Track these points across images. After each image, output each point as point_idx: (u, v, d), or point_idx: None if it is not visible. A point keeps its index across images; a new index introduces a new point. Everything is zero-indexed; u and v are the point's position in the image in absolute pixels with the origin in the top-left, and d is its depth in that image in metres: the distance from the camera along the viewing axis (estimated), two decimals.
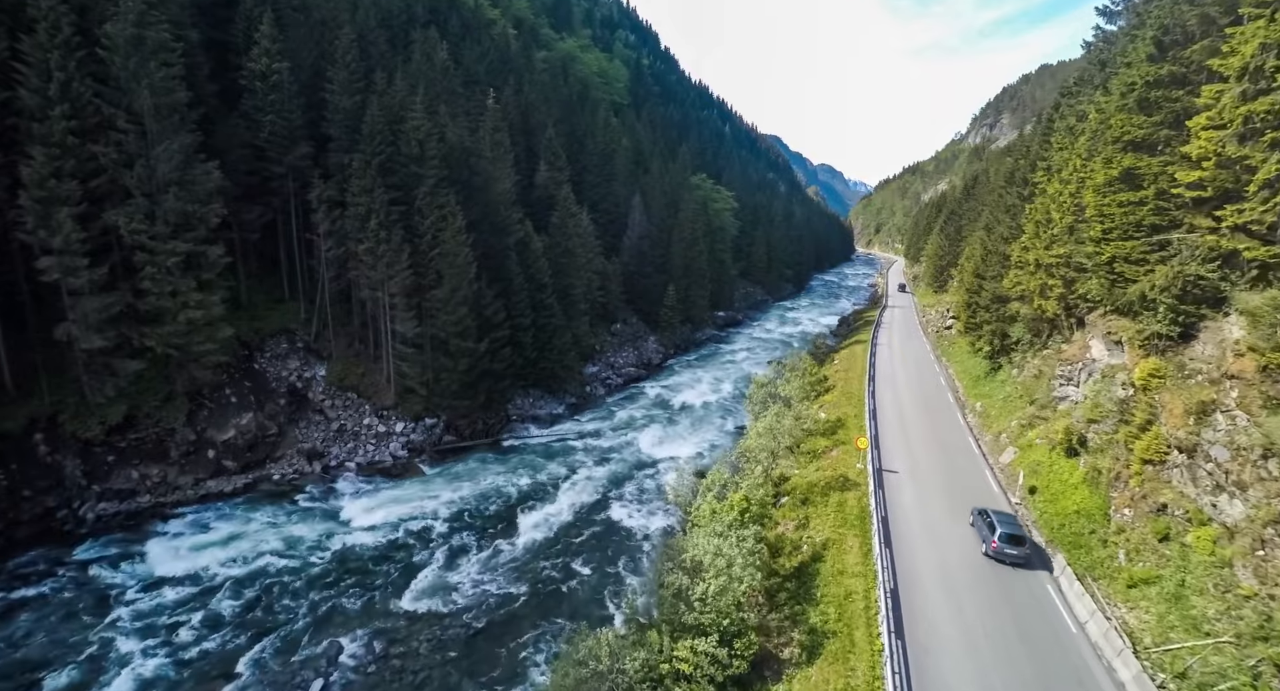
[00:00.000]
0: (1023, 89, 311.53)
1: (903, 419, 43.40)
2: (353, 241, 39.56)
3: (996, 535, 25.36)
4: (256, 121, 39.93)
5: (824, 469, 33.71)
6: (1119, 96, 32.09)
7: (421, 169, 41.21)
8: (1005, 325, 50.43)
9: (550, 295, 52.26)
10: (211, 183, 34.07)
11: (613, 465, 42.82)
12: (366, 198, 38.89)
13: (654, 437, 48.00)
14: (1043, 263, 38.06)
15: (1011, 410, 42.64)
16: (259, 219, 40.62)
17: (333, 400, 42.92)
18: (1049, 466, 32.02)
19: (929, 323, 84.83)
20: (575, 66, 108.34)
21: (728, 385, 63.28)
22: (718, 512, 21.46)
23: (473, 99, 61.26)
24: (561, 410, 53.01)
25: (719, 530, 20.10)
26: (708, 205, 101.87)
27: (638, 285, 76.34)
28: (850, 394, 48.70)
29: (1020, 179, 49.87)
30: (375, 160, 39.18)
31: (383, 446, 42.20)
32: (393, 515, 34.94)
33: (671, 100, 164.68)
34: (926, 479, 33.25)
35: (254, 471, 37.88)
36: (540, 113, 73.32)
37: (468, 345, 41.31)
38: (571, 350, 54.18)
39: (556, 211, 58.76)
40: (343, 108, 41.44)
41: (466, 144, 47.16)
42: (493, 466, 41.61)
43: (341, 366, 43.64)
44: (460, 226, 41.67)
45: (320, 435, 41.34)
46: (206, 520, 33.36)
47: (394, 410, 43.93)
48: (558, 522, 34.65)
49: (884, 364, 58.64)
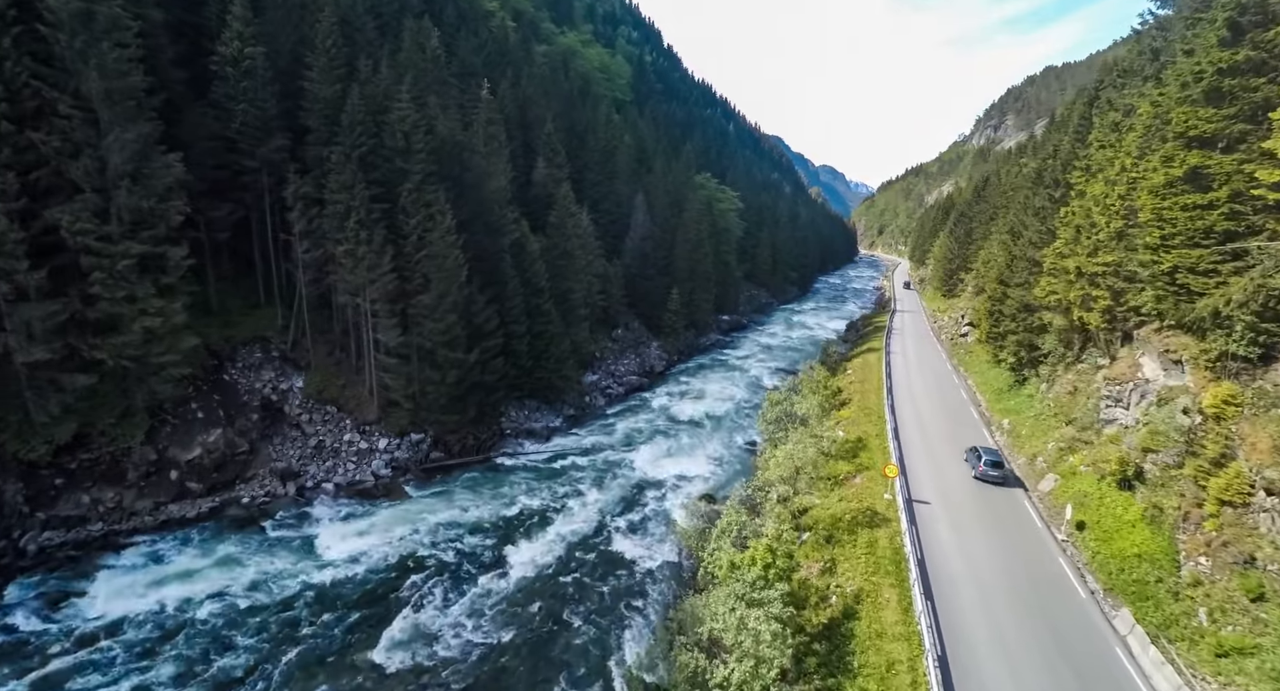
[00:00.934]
0: (1028, 90, 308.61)
1: (926, 438, 40.16)
2: (331, 242, 36.28)
3: (983, 461, 33.05)
4: (228, 111, 36.63)
5: (848, 499, 30.46)
6: (1179, 87, 28.84)
7: (407, 163, 37.92)
8: (1033, 336, 47.26)
9: (547, 300, 49.00)
10: (172, 176, 30.77)
11: (613, 486, 39.56)
12: (346, 194, 35.61)
13: (657, 454, 44.75)
14: (1085, 271, 34.83)
15: (1045, 430, 39.43)
16: (229, 217, 37.27)
17: (310, 414, 39.63)
18: (1099, 499, 28.78)
19: (942, 329, 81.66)
20: (576, 61, 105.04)
21: (735, 394, 60.06)
22: (738, 566, 18.27)
23: (467, 91, 57.97)
24: (559, 422, 49.75)
25: (740, 592, 16.91)
26: (712, 205, 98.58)
27: (640, 288, 73.07)
28: (868, 409, 45.46)
29: (1051, 180, 46.62)
30: (356, 153, 35.90)
31: (364, 465, 38.91)
32: (371, 545, 31.67)
33: (675, 98, 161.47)
34: (961, 511, 30.00)
35: (221, 494, 34.59)
36: (539, 106, 69.98)
37: (457, 356, 38.03)
38: (570, 358, 50.93)
39: (555, 211, 55.50)
40: (322, 97, 38.13)
41: (458, 138, 43.88)
42: (483, 488, 38.33)
43: (320, 377, 40.35)
44: (449, 226, 38.39)
45: (296, 453, 38.05)
46: (164, 551, 30.07)
47: (377, 425, 40.64)
48: (553, 555, 31.38)
49: (900, 375, 55.42)
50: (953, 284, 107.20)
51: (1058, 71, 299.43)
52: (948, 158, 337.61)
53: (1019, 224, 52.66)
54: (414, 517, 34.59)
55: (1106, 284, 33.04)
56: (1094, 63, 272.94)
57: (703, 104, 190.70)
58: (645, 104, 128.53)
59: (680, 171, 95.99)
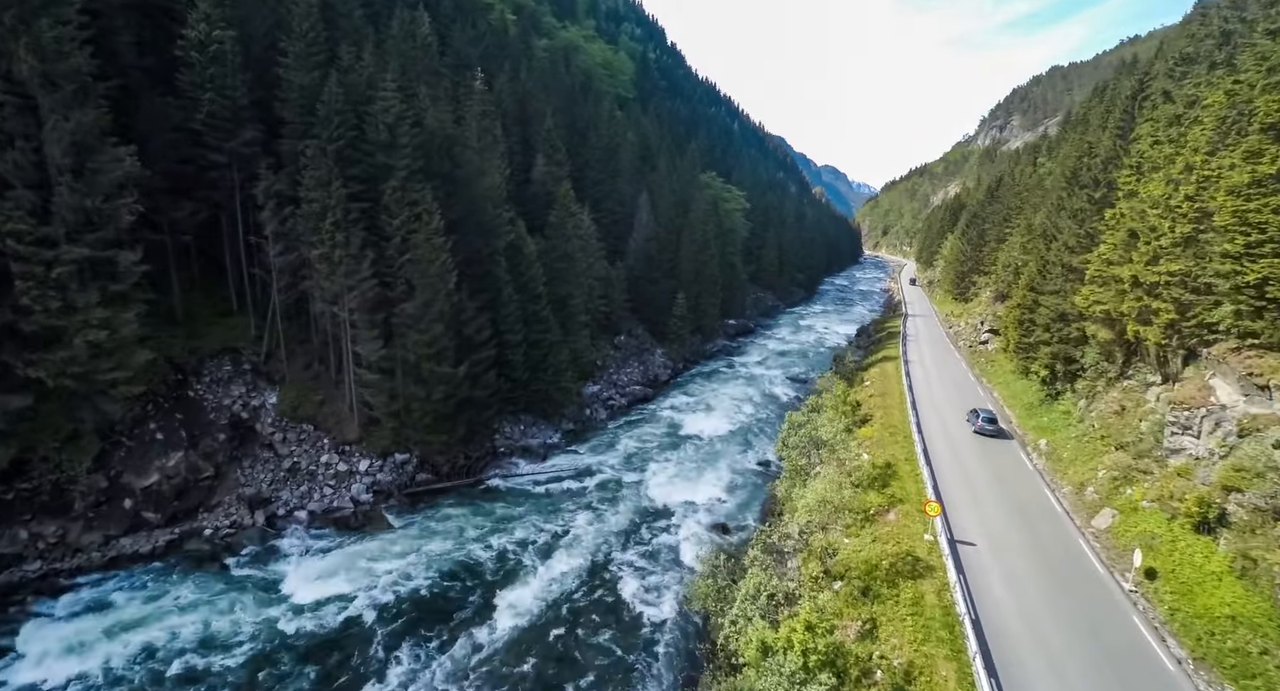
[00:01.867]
0: (1034, 91, 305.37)
1: (960, 462, 36.61)
2: (305, 245, 32.81)
3: (981, 418, 40.20)
4: (194, 100, 33.15)
5: (883, 539, 26.91)
6: (1263, 73, 25.29)
7: (391, 158, 34.45)
8: (1070, 348, 43.70)
9: (545, 306, 45.51)
10: (121, 171, 27.30)
11: (615, 514, 36.05)
12: (321, 192, 32.15)
13: (663, 475, 41.23)
14: (1143, 280, 31.27)
15: (1091, 454, 35.85)
16: (192, 217, 33.75)
17: (284, 433, 36.17)
18: (1171, 544, 25.23)
19: (959, 335, 78.04)
20: (578, 57, 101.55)
21: (744, 405, 56.52)
22: (771, 650, 14.83)
23: (462, 84, 54.45)
24: (557, 439, 46.26)
25: (780, 687, 13.43)
26: (718, 205, 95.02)
27: (644, 292, 69.54)
28: (892, 427, 41.89)
29: (1091, 180, 43.03)
30: (333, 147, 32.42)
31: (342, 489, 35.44)
32: (345, 587, 28.19)
33: (679, 96, 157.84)
34: (1011, 555, 26.42)
35: (181, 524, 31.13)
36: (539, 101, 66.50)
37: (444, 370, 34.54)
38: (569, 369, 47.44)
39: (554, 210, 52.02)
40: (298, 85, 34.66)
41: (449, 131, 40.39)
42: (473, 517, 34.83)
43: (296, 392, 36.89)
44: (437, 227, 34.92)
45: (267, 476, 34.59)
46: (109, 594, 26.63)
47: (358, 445, 37.18)
48: (547, 601, 27.85)
49: (921, 387, 51.85)
50: (965, 287, 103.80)
51: (1064, 72, 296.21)
52: (953, 158, 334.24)
53: (1051, 226, 49.08)
54: (394, 552, 31.11)
55: (1171, 296, 29.47)
56: (1101, 62, 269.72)
57: (707, 102, 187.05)
58: (649, 101, 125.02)
59: (685, 170, 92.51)
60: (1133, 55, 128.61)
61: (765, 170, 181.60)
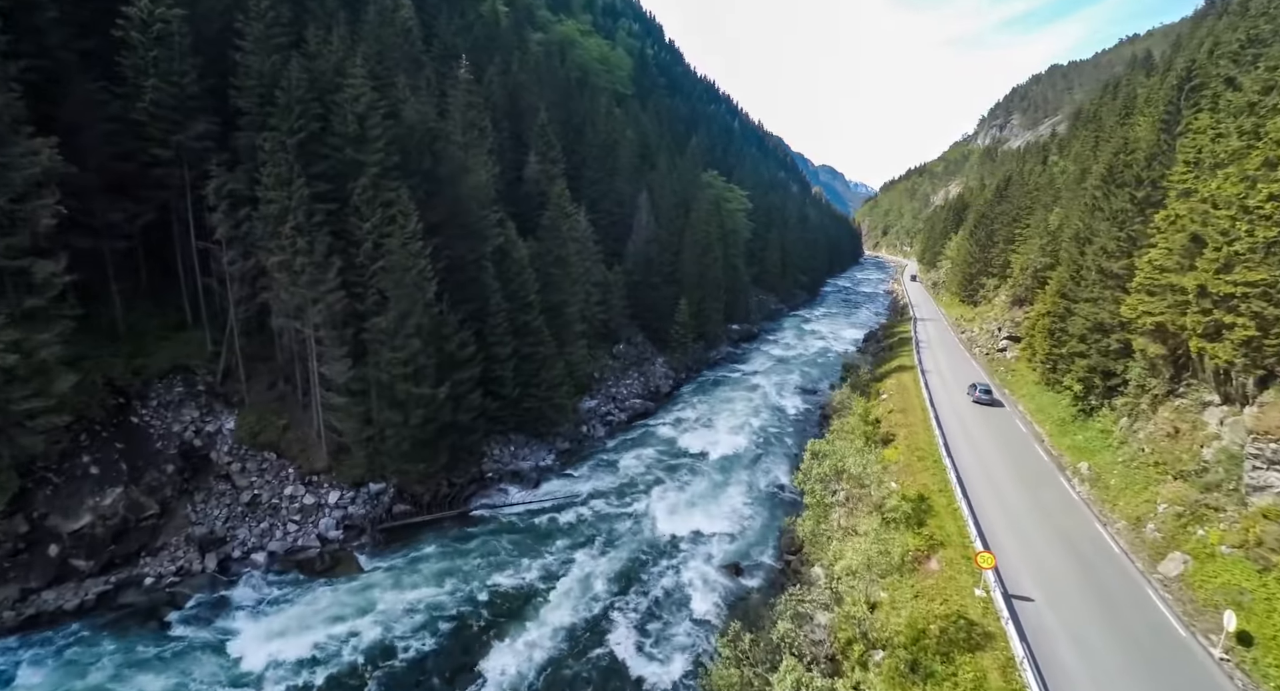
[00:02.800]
0: (1033, 89, 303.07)
1: (999, 493, 32.91)
2: (262, 251, 28.90)
3: (978, 390, 47.71)
4: (136, 87, 29.18)
5: (926, 593, 23.15)
6: None
7: (361, 153, 30.57)
8: (1110, 361, 40.09)
9: (537, 316, 41.64)
10: (38, 167, 23.37)
11: (615, 551, 32.23)
12: (281, 192, 28.24)
13: (667, 503, 37.43)
14: (1212, 291, 27.59)
15: (1143, 483, 32.17)
16: (133, 220, 29.73)
17: (243, 463, 32.23)
18: (1267, 603, 21.56)
19: (973, 342, 74.35)
20: (574, 52, 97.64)
21: (752, 420, 52.71)
22: None
23: (448, 76, 50.56)
24: (551, 460, 42.41)
25: None
26: (720, 205, 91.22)
27: (644, 298, 65.69)
28: (918, 449, 38.19)
29: (1132, 178, 39.38)
30: (294, 139, 28.51)
31: (309, 525, 31.53)
32: (304, 648, 24.33)
33: (678, 93, 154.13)
34: (1074, 612, 22.69)
35: (118, 572, 27.19)
36: (532, 95, 62.62)
37: (422, 391, 30.66)
38: (564, 383, 43.59)
39: (548, 211, 48.15)
40: (257, 71, 30.70)
41: (431, 124, 36.50)
42: (455, 557, 30.95)
43: (257, 416, 32.96)
44: (415, 230, 31.04)
45: (223, 512, 30.65)
46: (16, 664, 22.69)
47: (327, 474, 33.27)
48: (534, 664, 23.99)
49: (943, 402, 48.12)
50: (973, 289, 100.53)
51: (1064, 70, 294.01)
52: (952, 157, 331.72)
53: (1084, 229, 45.42)
54: (364, 602, 27.23)
55: (1250, 309, 25.79)
56: (1101, 61, 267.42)
57: (706, 100, 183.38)
58: (647, 98, 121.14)
59: (686, 168, 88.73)
60: (1144, 51, 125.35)
61: (766, 169, 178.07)
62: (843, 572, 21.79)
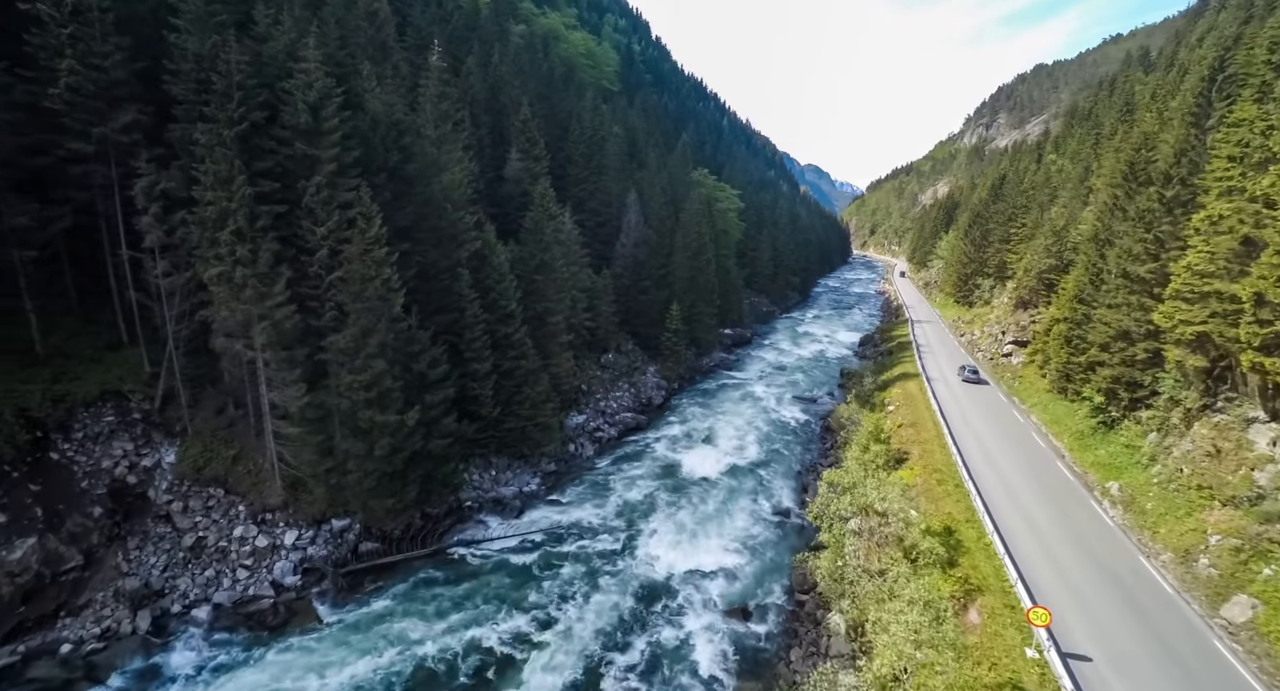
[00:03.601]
0: (1019, 88, 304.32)
1: (1028, 520, 30.03)
2: (200, 261, 25.10)
3: (966, 370, 55.43)
4: (49, 70, 25.21)
5: (970, 654, 19.98)
6: None
7: (314, 148, 26.85)
8: (1135, 371, 37.46)
9: (519, 328, 38.10)
10: None
11: (608, 592, 28.81)
12: (220, 192, 24.46)
13: (664, 534, 34.12)
14: (1271, 299, 24.82)
15: (1185, 507, 29.38)
16: (45, 226, 25.65)
17: (186, 501, 28.37)
18: None
19: (975, 345, 71.86)
20: (559, 47, 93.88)
21: (751, 434, 49.59)
22: None
23: (423, 69, 46.76)
24: (536, 484, 38.91)
25: None
26: (711, 205, 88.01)
27: (634, 303, 62.30)
28: (936, 470, 35.25)
29: (1159, 175, 36.74)
30: (233, 131, 24.72)
31: (262, 571, 27.75)
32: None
33: (666, 90, 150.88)
34: (1141, 675, 19.75)
35: (29, 638, 23.28)
36: (513, 88, 58.96)
37: (388, 418, 27.02)
38: (549, 400, 40.07)
39: (531, 212, 44.58)
40: (194, 53, 26.82)
41: (398, 117, 32.79)
42: (427, 603, 27.36)
43: (202, 447, 29.09)
44: (378, 235, 27.38)
45: (161, 560, 26.79)
46: None
47: (283, 511, 29.49)
48: None
49: (954, 414, 45.36)
50: (968, 290, 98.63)
51: (1050, 70, 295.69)
52: (939, 156, 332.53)
53: (1104, 229, 42.80)
54: (322, 661, 23.63)
55: None
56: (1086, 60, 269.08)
57: (695, 98, 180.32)
58: (635, 95, 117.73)
59: (676, 166, 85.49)
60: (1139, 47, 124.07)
61: (756, 168, 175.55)
62: (886, 650, 18.48)
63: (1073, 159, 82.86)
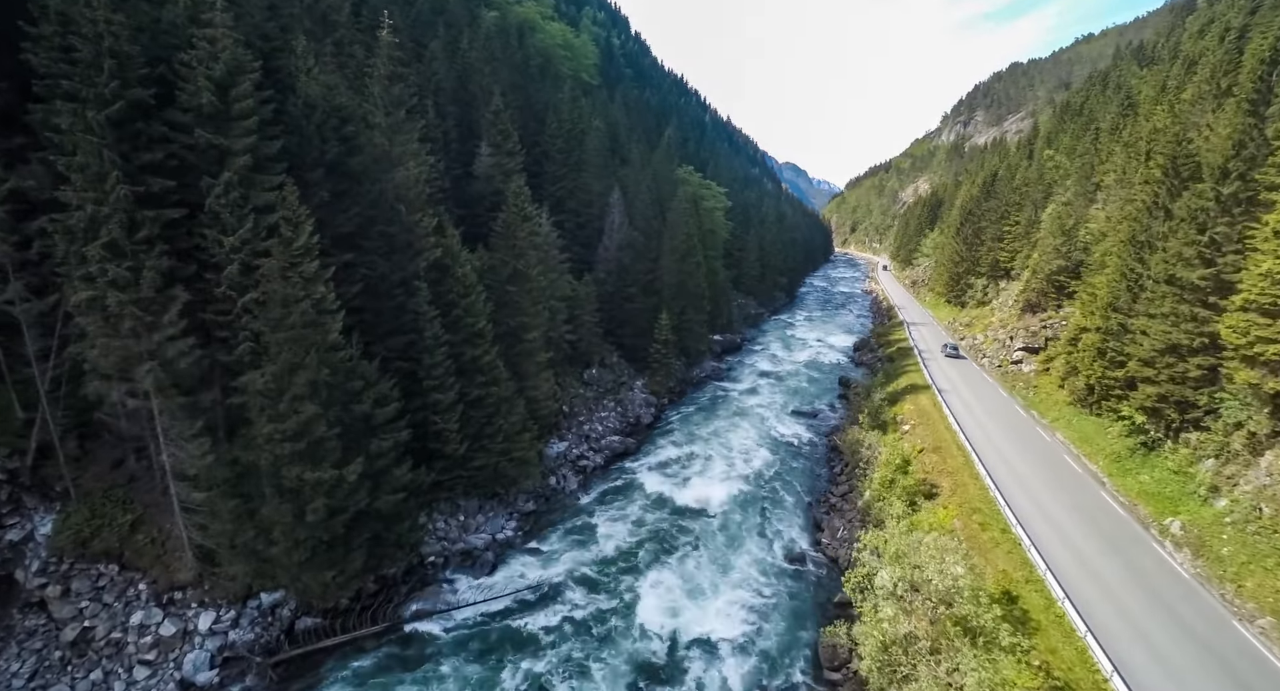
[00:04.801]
0: (996, 86, 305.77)
1: (1100, 582, 25.60)
2: (65, 282, 19.34)
3: (947, 347, 65.42)
4: None
5: None
6: None
7: (221, 136, 21.19)
8: (1186, 389, 33.43)
9: (489, 349, 32.70)
10: None
11: (595, 681, 23.67)
12: (91, 192, 18.73)
13: (662, 593, 29.03)
14: None
15: (1276, 555, 25.28)
16: None
17: (66, 583, 22.50)
18: None
19: (979, 350, 68.00)
20: (535, 37, 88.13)
21: (749, 459, 44.74)
22: None
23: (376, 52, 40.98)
24: (512, 530, 33.59)
25: None
26: (698, 203, 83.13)
27: (619, 311, 57.15)
28: (975, 509, 30.81)
29: (1214, 170, 32.67)
30: (102, 114, 18.99)
31: (168, 667, 22.08)
32: None
33: (647, 85, 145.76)
34: None
35: None
36: (484, 77, 53.36)
37: (321, 475, 21.51)
38: (525, 430, 34.73)
39: (503, 213, 39.13)
40: (58, 12, 20.94)
41: (339, 101, 27.16)
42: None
43: (89, 513, 23.22)
44: (308, 245, 21.83)
45: (29, 663, 20.98)
46: None
47: (197, 589, 23.78)
48: None
49: (977, 436, 41.14)
50: (960, 289, 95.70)
51: (1025, 68, 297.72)
52: (918, 153, 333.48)
53: (1139, 230, 38.78)
54: None
55: None
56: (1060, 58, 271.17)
57: (676, 93, 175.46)
58: (615, 89, 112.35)
59: (661, 162, 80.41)
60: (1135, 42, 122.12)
61: (739, 166, 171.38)
62: None
63: (1069, 154, 79.74)
